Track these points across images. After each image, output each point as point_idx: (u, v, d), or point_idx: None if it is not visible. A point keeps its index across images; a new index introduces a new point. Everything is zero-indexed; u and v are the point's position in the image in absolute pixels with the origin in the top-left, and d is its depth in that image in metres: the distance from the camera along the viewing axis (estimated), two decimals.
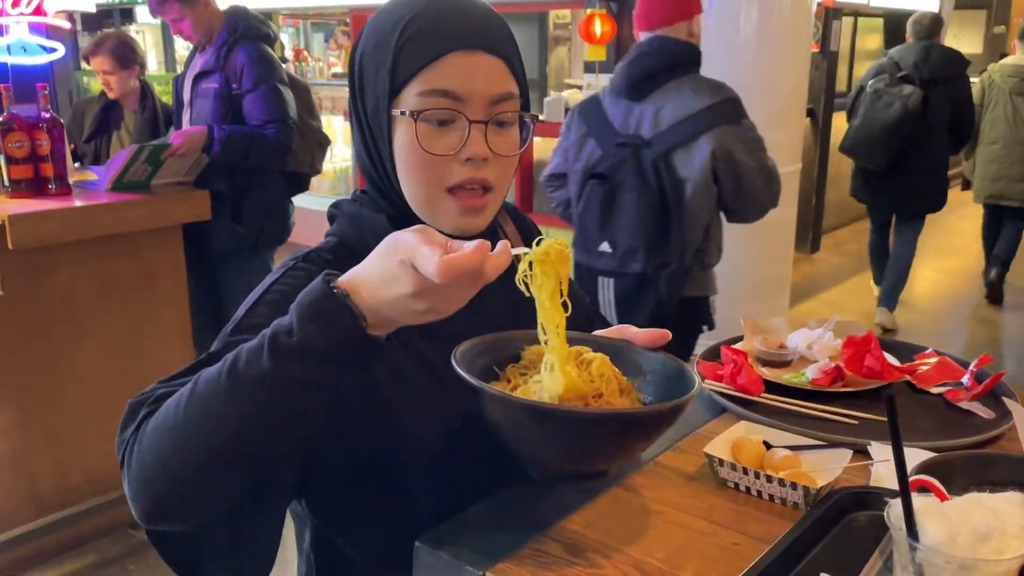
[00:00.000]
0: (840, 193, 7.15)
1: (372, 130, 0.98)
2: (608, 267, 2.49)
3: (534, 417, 0.82)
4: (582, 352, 0.92)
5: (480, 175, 0.93)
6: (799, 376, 1.32)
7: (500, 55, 0.94)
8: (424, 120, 0.92)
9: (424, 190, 0.95)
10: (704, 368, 1.33)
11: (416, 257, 0.69)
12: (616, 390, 0.89)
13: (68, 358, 2.78)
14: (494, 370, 0.93)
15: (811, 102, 5.52)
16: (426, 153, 0.92)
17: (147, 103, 3.70)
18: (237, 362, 0.75)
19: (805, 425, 1.17)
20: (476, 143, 0.92)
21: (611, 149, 2.48)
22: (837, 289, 5.83)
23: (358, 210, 1.02)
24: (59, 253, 2.70)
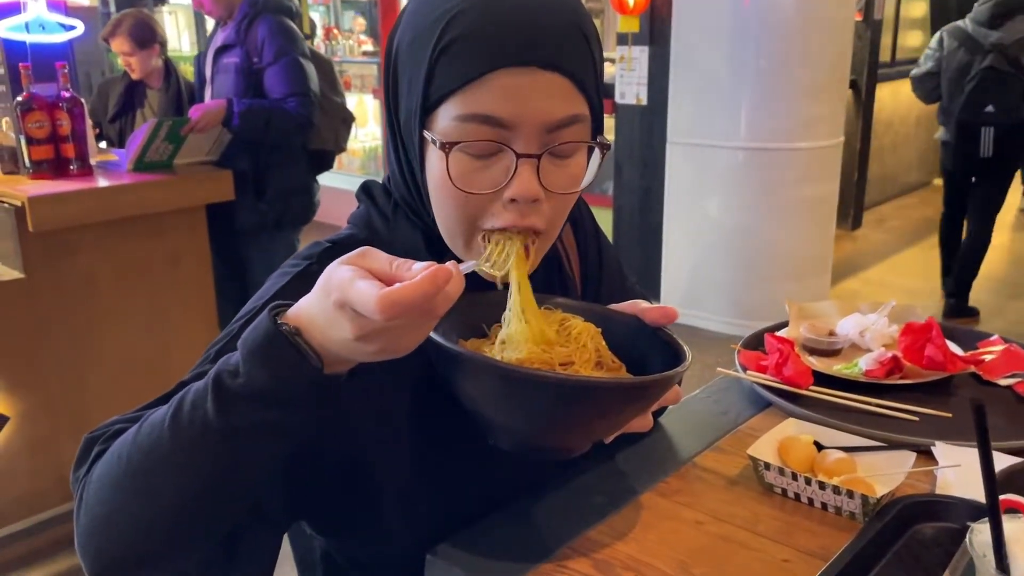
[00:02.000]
0: (883, 167, 6.94)
1: (404, 141, 0.82)
2: (990, 122, 4.13)
3: (470, 372, 0.73)
4: (567, 319, 0.83)
5: (527, 221, 0.76)
6: (852, 367, 1.20)
7: (565, 71, 0.74)
8: (459, 151, 0.75)
9: (456, 227, 0.79)
10: (746, 358, 1.23)
11: (351, 295, 0.58)
12: (591, 361, 0.79)
13: (91, 342, 2.74)
14: (482, 328, 0.84)
15: (853, 73, 5.31)
16: (459, 191, 0.75)
17: (171, 81, 3.66)
18: (181, 407, 0.65)
19: (860, 422, 1.07)
20: (524, 181, 0.74)
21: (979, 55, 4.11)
22: (880, 266, 5.63)
23: (392, 211, 0.87)
24: (81, 235, 2.65)
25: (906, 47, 7.41)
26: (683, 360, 0.78)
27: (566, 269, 0.99)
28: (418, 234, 0.86)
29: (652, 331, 0.85)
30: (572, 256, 1.01)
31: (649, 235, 4.64)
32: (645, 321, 0.85)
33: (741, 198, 4.15)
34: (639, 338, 0.85)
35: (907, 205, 7.29)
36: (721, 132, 4.11)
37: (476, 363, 0.71)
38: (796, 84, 3.98)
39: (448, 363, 0.74)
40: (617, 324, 0.86)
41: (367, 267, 0.60)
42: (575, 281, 1.00)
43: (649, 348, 0.84)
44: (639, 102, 4.54)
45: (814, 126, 4.06)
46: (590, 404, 0.72)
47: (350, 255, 0.61)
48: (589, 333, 0.81)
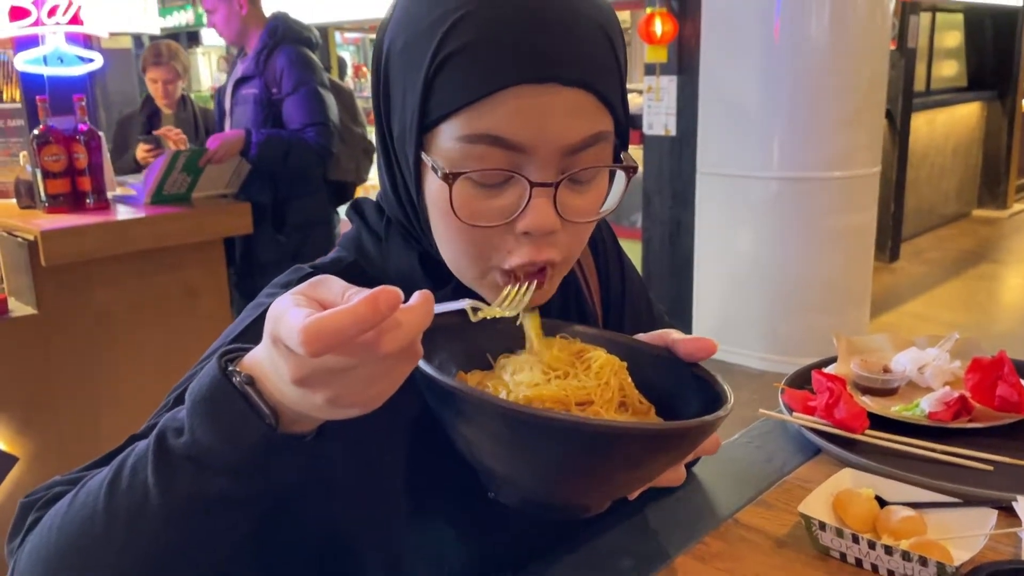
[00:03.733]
0: (920, 198, 6.77)
1: (398, 159, 0.71)
2: None
3: (468, 411, 0.60)
4: (586, 350, 0.70)
5: (543, 256, 0.66)
6: (912, 408, 1.07)
7: (590, 86, 0.64)
8: (465, 179, 0.65)
9: (463, 261, 0.70)
10: (792, 398, 1.10)
11: (280, 327, 0.47)
12: (614, 401, 0.67)
13: (105, 379, 2.67)
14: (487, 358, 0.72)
15: (888, 102, 5.19)
16: (464, 224, 0.66)
17: (186, 106, 3.85)
18: (120, 473, 0.55)
19: (927, 472, 0.93)
20: (539, 213, 0.64)
21: None
22: (921, 300, 5.45)
23: (386, 229, 0.77)
24: (95, 269, 2.59)
25: (941, 76, 7.27)
26: (724, 403, 0.66)
27: (585, 296, 0.88)
28: (414, 256, 0.75)
29: (686, 367, 0.73)
30: (592, 281, 0.89)
31: (680, 268, 4.52)
32: (678, 354, 0.72)
33: (775, 229, 4.02)
34: (671, 375, 0.73)
35: (946, 237, 7.09)
36: (753, 162, 4.00)
37: (475, 401, 0.59)
38: (831, 112, 3.86)
39: (442, 401, 0.62)
40: (645, 357, 0.73)
41: (315, 297, 0.50)
42: (595, 309, 0.89)
43: (683, 387, 0.72)
44: (668, 133, 4.45)
45: (850, 154, 3.93)
46: (613, 454, 0.59)
47: (301, 285, 0.51)
48: (612, 367, 0.68)
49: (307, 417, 0.53)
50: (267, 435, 0.52)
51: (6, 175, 2.85)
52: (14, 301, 2.54)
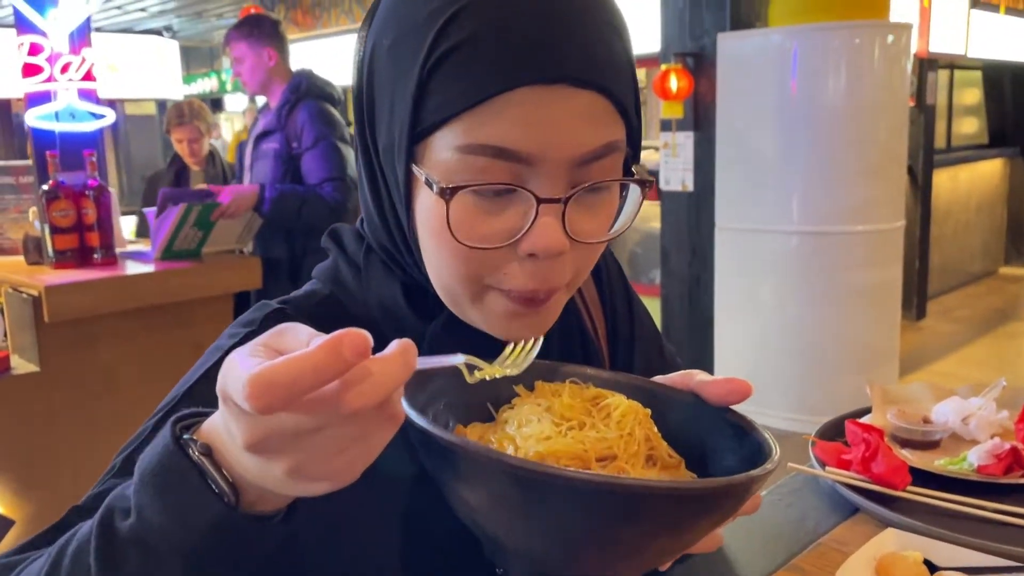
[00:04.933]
0: (944, 256, 6.66)
1: (384, 174, 0.64)
2: None
3: (469, 471, 0.50)
4: (603, 397, 0.61)
5: (547, 284, 0.59)
6: (959, 462, 0.97)
7: (601, 87, 0.57)
8: (463, 194, 0.57)
9: (457, 285, 0.62)
10: (824, 451, 1.00)
11: (228, 381, 0.39)
12: (640, 455, 0.57)
13: (108, 438, 2.57)
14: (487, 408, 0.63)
15: (909, 159, 5.13)
16: (462, 245, 0.58)
17: (215, 162, 3.89)
18: (60, 561, 0.48)
19: (979, 533, 0.83)
20: (547, 233, 0.57)
21: None
22: (950, 359, 5.29)
23: (365, 257, 0.69)
24: (101, 325, 2.54)
25: (961, 134, 7.23)
26: (769, 453, 0.56)
27: (588, 330, 0.78)
28: (395, 285, 0.67)
29: (717, 412, 0.63)
30: (595, 314, 0.80)
31: (700, 325, 4.42)
32: (706, 399, 0.62)
33: (797, 285, 3.93)
34: (699, 422, 0.63)
35: (973, 295, 6.95)
36: (772, 216, 3.93)
37: (480, 459, 0.49)
38: (851, 166, 3.80)
39: (440, 459, 0.52)
40: (667, 403, 0.64)
41: (277, 348, 0.42)
42: (600, 346, 0.80)
43: (715, 436, 0.62)
44: (685, 188, 4.40)
45: (873, 208, 3.86)
46: (646, 519, 0.49)
47: (263, 335, 0.43)
48: (635, 415, 0.59)
49: (270, 493, 0.44)
50: (225, 515, 0.44)
51: (16, 231, 2.84)
52: (17, 358, 2.49)
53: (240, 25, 3.08)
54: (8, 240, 2.87)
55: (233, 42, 3.05)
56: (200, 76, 9.63)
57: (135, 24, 8.23)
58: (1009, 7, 6.87)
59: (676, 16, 4.30)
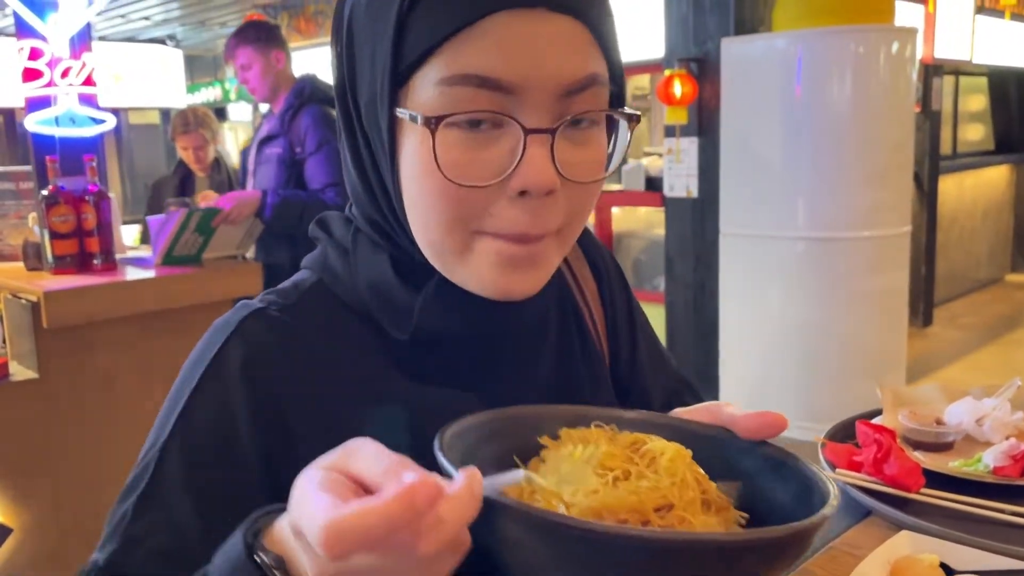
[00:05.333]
0: (951, 262, 6.62)
1: (368, 136, 0.63)
2: None
3: (545, 538, 0.47)
4: (642, 441, 0.57)
5: (539, 227, 0.58)
6: (974, 463, 0.94)
7: (580, 15, 0.57)
8: (449, 127, 0.56)
9: (444, 235, 0.60)
10: (834, 453, 0.98)
11: (301, 518, 0.40)
12: (697, 501, 0.54)
13: (107, 446, 2.57)
14: (513, 460, 0.59)
15: (915, 165, 5.11)
16: (450, 183, 0.57)
17: (220, 169, 3.87)
18: None
19: (994, 535, 0.80)
20: (537, 166, 0.56)
21: None
22: (958, 366, 5.25)
23: (352, 238, 0.68)
24: (99, 332, 2.52)
25: (967, 140, 7.20)
26: (824, 487, 0.53)
27: (591, 335, 0.76)
28: (384, 261, 0.66)
29: (751, 448, 0.60)
30: (596, 312, 0.78)
31: (705, 333, 4.38)
32: (737, 433, 0.60)
33: (803, 291, 3.90)
34: (734, 460, 0.60)
35: (980, 301, 6.91)
36: (777, 222, 3.90)
37: (529, 519, 0.46)
38: (857, 172, 3.78)
39: (491, 525, 0.48)
40: (700, 440, 0.60)
41: (347, 471, 0.42)
42: (601, 347, 0.77)
43: (753, 472, 0.59)
44: (689, 194, 4.38)
45: (879, 214, 3.83)
46: (730, 572, 0.46)
47: (333, 455, 0.44)
48: (682, 459, 0.55)
49: None
50: None
51: (16, 237, 2.82)
52: (15, 365, 2.47)
53: (243, 32, 3.06)
54: (8, 246, 2.85)
55: (238, 49, 3.04)
56: (204, 85, 9.64)
57: (139, 33, 8.25)
58: (1014, 13, 6.85)
59: (680, 21, 4.28)
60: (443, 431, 0.54)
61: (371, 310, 0.66)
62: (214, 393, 0.63)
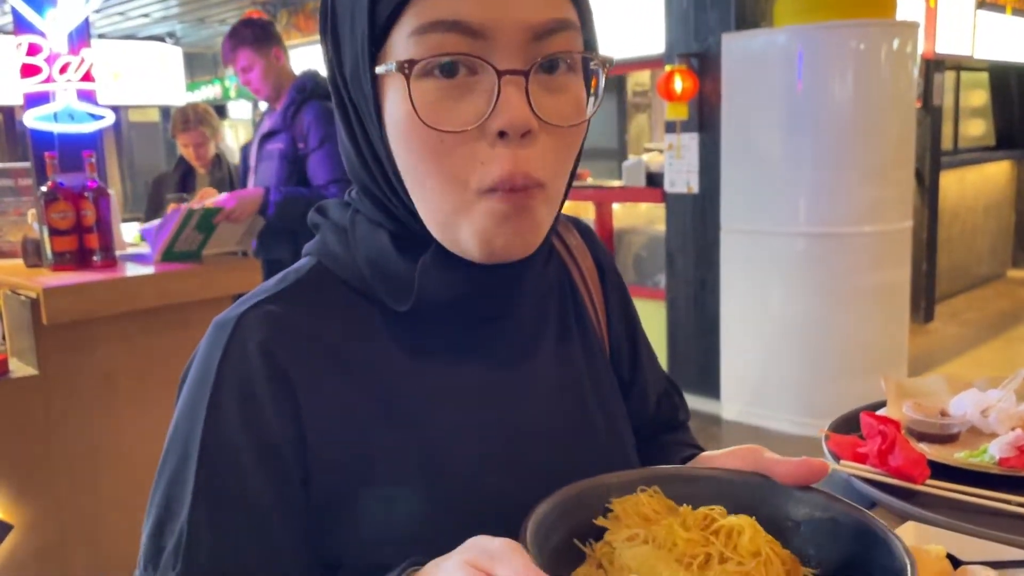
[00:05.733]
0: (952, 258, 6.61)
1: (356, 105, 0.64)
2: None
3: None
4: (710, 519, 0.58)
5: (522, 166, 0.58)
6: (979, 454, 0.94)
7: None
8: (424, 75, 0.58)
9: (442, 193, 0.61)
10: (838, 445, 0.97)
11: None
12: (782, 575, 0.55)
13: (107, 442, 2.57)
14: (575, 546, 0.60)
15: (916, 161, 5.09)
16: (431, 130, 0.58)
17: (221, 165, 3.86)
18: None
19: (1001, 527, 0.79)
20: (512, 105, 0.57)
21: None
22: (959, 361, 5.24)
23: (351, 219, 0.69)
24: (99, 328, 2.51)
25: (968, 135, 7.19)
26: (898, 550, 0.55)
27: (591, 323, 0.77)
28: (383, 236, 0.66)
29: (793, 494, 0.62)
30: (598, 305, 0.79)
31: (706, 329, 4.38)
32: (778, 480, 0.62)
33: (804, 287, 3.89)
34: (776, 508, 0.61)
35: (981, 297, 6.89)
36: (778, 218, 3.89)
37: None
38: (858, 167, 3.77)
39: None
40: (739, 488, 0.62)
41: (495, 574, 0.48)
42: (603, 339, 0.78)
43: (799, 523, 0.61)
44: (690, 190, 4.37)
45: (880, 209, 3.82)
46: None
47: (486, 550, 0.49)
48: (760, 535, 0.57)
49: None
50: None
51: (16, 234, 2.82)
52: (15, 362, 2.46)
53: (238, 33, 3.03)
54: (7, 243, 2.84)
55: (238, 51, 3.01)
56: (204, 83, 9.63)
57: (138, 31, 8.24)
58: (1016, 8, 6.84)
59: (680, 16, 4.27)
60: (526, 525, 0.55)
61: (371, 286, 0.66)
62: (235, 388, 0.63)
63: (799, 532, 0.60)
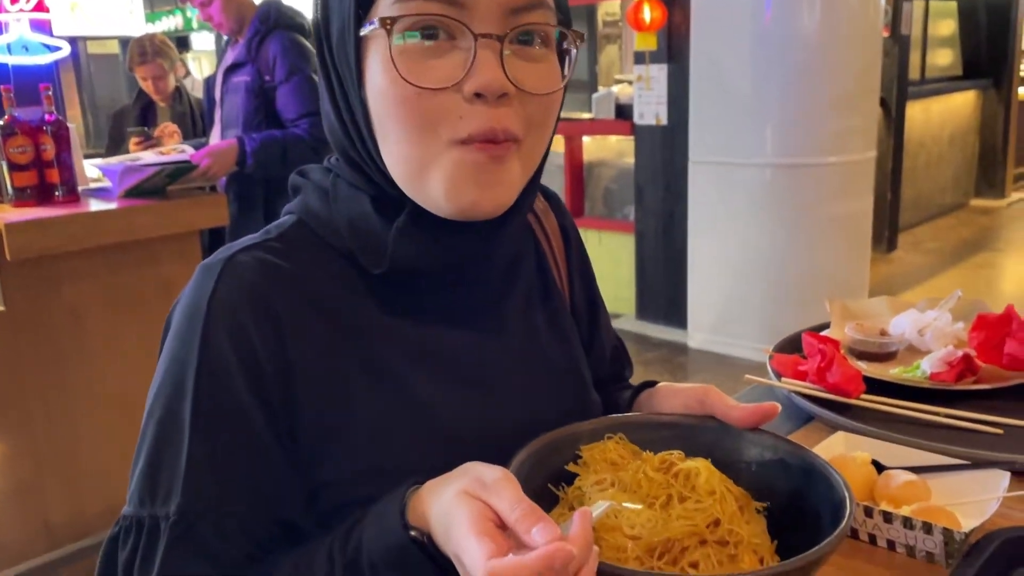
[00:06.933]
0: (916, 188, 6.69)
1: (340, 73, 0.67)
2: None
3: None
4: (671, 463, 0.64)
5: (501, 122, 0.61)
6: (912, 370, 0.99)
7: None
8: (405, 37, 0.61)
9: (416, 144, 0.63)
10: (780, 363, 1.02)
11: (462, 553, 0.51)
12: (736, 511, 0.62)
13: (79, 378, 2.58)
14: (550, 490, 0.66)
15: (882, 91, 5.11)
16: (410, 86, 0.60)
17: (181, 99, 3.78)
18: None
19: (929, 436, 0.85)
20: (488, 67, 0.60)
21: None
22: (919, 289, 5.36)
23: (332, 182, 0.71)
24: (65, 264, 2.50)
25: (936, 65, 7.19)
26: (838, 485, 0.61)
27: (555, 285, 0.81)
28: (363, 199, 0.69)
29: (745, 437, 0.69)
30: (562, 268, 0.83)
31: (674, 260, 4.43)
32: (729, 423, 0.69)
33: (769, 217, 3.94)
34: (730, 451, 0.69)
35: (944, 227, 7.01)
36: (746, 149, 3.91)
37: None
38: (824, 97, 3.78)
39: None
40: (696, 433, 0.70)
41: (491, 503, 0.53)
42: (566, 299, 0.83)
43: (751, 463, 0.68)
44: (659, 122, 4.37)
45: (845, 140, 3.85)
46: None
47: (481, 480, 0.54)
48: (715, 475, 0.63)
49: None
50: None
51: None
52: None
53: None
54: None
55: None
56: (164, 14, 9.34)
57: None
58: None
59: None
60: None
61: (351, 247, 0.69)
62: (226, 322, 0.64)
63: (751, 471, 0.67)
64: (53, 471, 2.56)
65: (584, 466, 0.67)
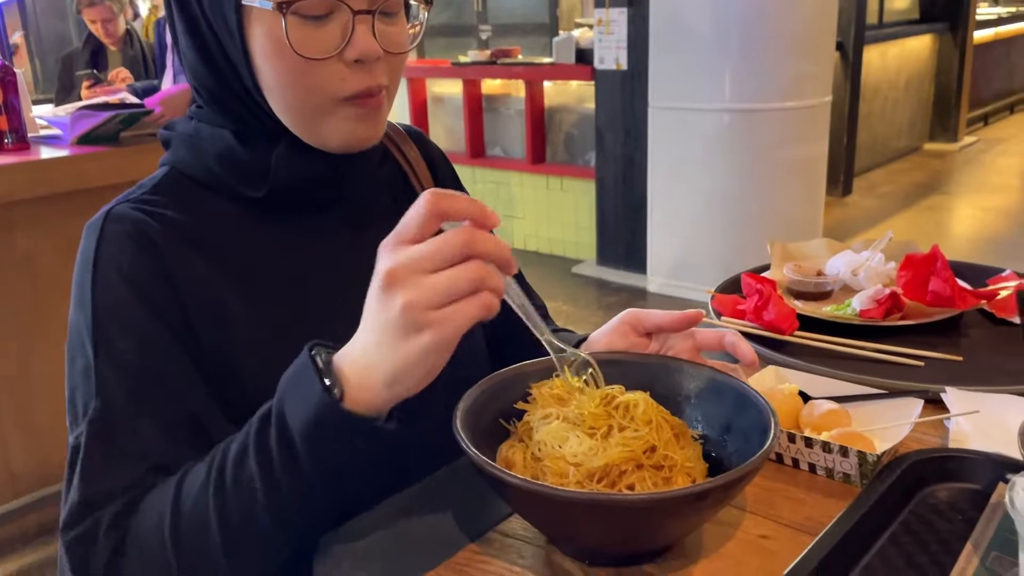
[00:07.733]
0: (872, 132, 6.77)
1: (214, 27, 0.74)
2: None
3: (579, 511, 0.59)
4: (610, 396, 0.68)
5: (377, 80, 0.74)
6: (844, 308, 1.04)
7: None
8: (295, 15, 0.70)
9: (305, 100, 0.74)
10: (721, 303, 1.06)
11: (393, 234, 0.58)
12: (671, 437, 0.67)
13: (33, 324, 2.56)
14: (502, 425, 0.71)
15: (840, 35, 5.13)
16: (298, 57, 0.71)
17: (132, 42, 3.72)
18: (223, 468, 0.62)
19: (856, 370, 0.90)
20: (365, 39, 0.72)
21: None
22: (873, 232, 5.47)
23: (194, 128, 0.79)
24: (16, 211, 2.46)
25: (893, 9, 7.23)
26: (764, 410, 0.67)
27: (412, 183, 0.92)
28: (226, 135, 0.77)
29: (682, 370, 0.76)
30: (420, 169, 0.94)
31: (634, 205, 4.47)
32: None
33: (727, 162, 3.98)
34: (671, 385, 0.75)
35: (898, 171, 7.13)
36: (705, 95, 3.93)
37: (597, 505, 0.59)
38: (781, 42, 3.80)
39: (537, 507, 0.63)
40: (638, 369, 0.75)
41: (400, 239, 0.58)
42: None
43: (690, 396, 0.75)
44: (619, 67, 4.36)
45: (801, 85, 3.89)
46: (719, 501, 0.62)
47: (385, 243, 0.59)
48: (652, 406, 0.68)
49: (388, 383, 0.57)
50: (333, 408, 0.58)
51: None
52: None
53: None
54: None
55: None
56: None
57: None
58: None
59: None
60: (458, 408, 0.67)
61: (223, 181, 0.76)
62: (114, 263, 0.71)
63: (690, 403, 0.73)
64: (14, 422, 2.56)
65: (533, 402, 0.71)
